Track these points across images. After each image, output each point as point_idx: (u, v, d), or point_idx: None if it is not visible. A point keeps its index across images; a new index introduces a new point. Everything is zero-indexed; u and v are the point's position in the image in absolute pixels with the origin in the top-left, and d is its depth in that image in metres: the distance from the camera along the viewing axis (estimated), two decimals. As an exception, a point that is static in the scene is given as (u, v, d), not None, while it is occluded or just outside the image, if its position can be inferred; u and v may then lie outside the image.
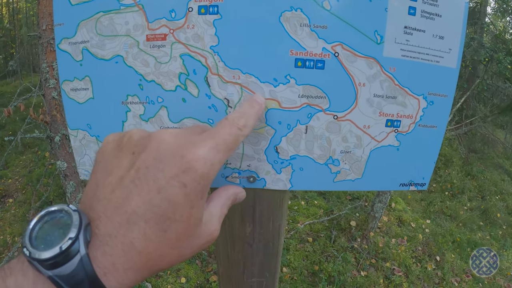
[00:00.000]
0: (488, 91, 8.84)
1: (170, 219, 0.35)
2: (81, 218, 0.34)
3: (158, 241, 0.35)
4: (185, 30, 0.53)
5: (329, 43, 0.52)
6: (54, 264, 0.32)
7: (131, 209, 0.35)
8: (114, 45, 0.55)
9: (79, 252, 0.32)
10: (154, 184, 0.35)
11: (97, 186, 0.37)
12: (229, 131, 0.41)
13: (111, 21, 0.54)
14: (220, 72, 0.53)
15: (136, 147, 0.38)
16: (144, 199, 0.35)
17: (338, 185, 0.60)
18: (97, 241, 0.34)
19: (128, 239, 0.34)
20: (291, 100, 0.54)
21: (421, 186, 0.64)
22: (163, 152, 0.36)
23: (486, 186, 7.21)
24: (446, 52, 0.56)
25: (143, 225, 0.34)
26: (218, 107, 0.55)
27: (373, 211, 4.29)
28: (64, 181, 3.22)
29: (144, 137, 0.39)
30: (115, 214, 0.35)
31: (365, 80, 0.54)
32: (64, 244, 0.32)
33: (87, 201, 0.37)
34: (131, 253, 0.34)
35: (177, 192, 0.35)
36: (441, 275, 4.24)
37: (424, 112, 0.58)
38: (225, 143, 0.39)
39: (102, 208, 0.35)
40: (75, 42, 0.56)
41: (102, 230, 0.34)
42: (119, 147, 0.40)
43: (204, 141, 0.38)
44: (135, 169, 0.36)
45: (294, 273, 3.76)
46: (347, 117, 0.56)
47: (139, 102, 0.56)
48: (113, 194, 0.36)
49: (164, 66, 0.54)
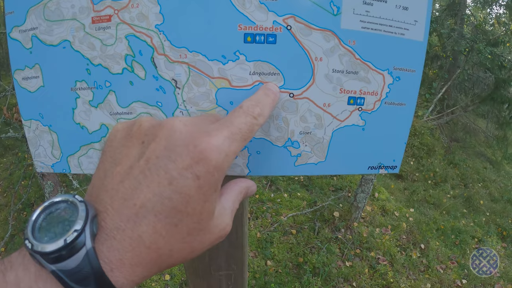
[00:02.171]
0: (469, 81, 8.98)
1: (182, 213, 0.33)
2: (88, 210, 0.32)
3: (168, 235, 0.33)
4: (129, 9, 0.50)
5: (280, 16, 0.49)
6: (58, 258, 0.30)
7: (140, 201, 0.33)
8: (62, 30, 0.52)
9: (85, 245, 0.30)
10: (165, 175, 0.33)
11: (105, 176, 0.36)
12: (244, 120, 0.39)
13: (58, 5, 0.51)
14: (167, 52, 0.51)
15: (146, 136, 0.36)
16: (154, 191, 0.33)
17: (299, 170, 0.57)
18: (104, 234, 0.32)
19: (137, 233, 0.32)
20: (242, 78, 0.51)
21: (392, 169, 0.60)
22: (175, 141, 0.34)
23: (468, 174, 7.30)
24: (411, 24, 0.52)
25: (153, 219, 0.33)
26: (166, 89, 0.52)
27: (356, 201, 4.31)
28: (41, 181, 3.20)
29: (155, 125, 0.37)
30: (124, 206, 0.33)
31: (322, 54, 0.51)
32: (69, 236, 0.30)
33: (94, 191, 0.35)
34: (140, 248, 0.32)
35: (189, 184, 0.33)
36: (426, 262, 4.29)
37: (390, 89, 0.54)
38: (240, 133, 0.38)
39: (109, 199, 0.33)
40: (25, 30, 0.53)
41: (109, 223, 0.32)
42: (128, 136, 0.38)
43: (218, 130, 0.36)
44: (144, 159, 0.34)
45: (279, 266, 3.77)
46: (304, 95, 0.52)
47: (88, 88, 0.54)
48: (121, 185, 0.34)
49: (110, 48, 0.52)
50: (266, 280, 3.50)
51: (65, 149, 0.58)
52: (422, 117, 8.31)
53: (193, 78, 0.51)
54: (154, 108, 0.53)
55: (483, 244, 5.01)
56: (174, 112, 0.53)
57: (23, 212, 4.59)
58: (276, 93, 0.49)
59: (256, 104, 0.42)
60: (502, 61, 8.02)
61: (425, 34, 0.53)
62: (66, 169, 0.59)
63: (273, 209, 4.55)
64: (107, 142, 0.39)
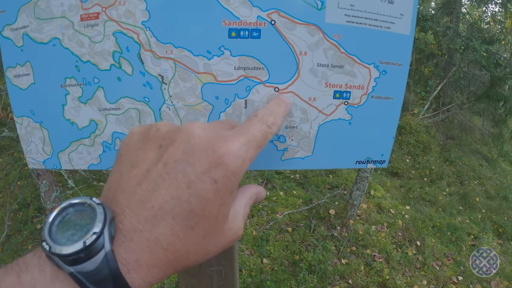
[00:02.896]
0: (465, 78, 8.99)
1: (199, 216, 0.34)
2: (106, 212, 0.32)
3: (185, 238, 0.34)
4: (116, 7, 0.51)
5: (264, 11, 0.50)
6: (76, 260, 0.30)
7: (158, 204, 0.33)
8: (51, 28, 0.53)
9: (103, 248, 0.31)
10: (184, 179, 0.33)
11: (121, 178, 0.36)
12: (259, 128, 0.40)
13: (48, 3, 0.52)
14: (153, 48, 0.52)
15: (164, 140, 0.37)
16: (172, 194, 0.33)
17: (286, 164, 0.58)
18: (121, 236, 0.32)
19: (154, 235, 0.33)
20: (227, 73, 0.52)
21: (380, 163, 0.61)
22: (194, 146, 0.35)
23: (464, 171, 7.31)
24: (397, 17, 0.52)
25: (171, 221, 0.33)
26: (153, 85, 0.53)
27: (352, 198, 4.32)
28: (37, 181, 3.19)
29: (173, 130, 0.38)
30: (141, 208, 0.33)
31: (306, 48, 0.52)
32: (88, 239, 0.30)
33: (110, 193, 0.36)
34: (157, 250, 0.33)
35: (207, 188, 0.34)
36: (422, 259, 4.30)
37: (377, 82, 0.55)
38: (256, 140, 0.39)
39: (126, 201, 0.34)
40: (16, 28, 0.54)
41: (127, 225, 0.33)
42: (145, 139, 0.38)
43: (236, 136, 0.37)
44: (163, 162, 0.35)
45: (275, 263, 3.76)
46: (289, 89, 0.53)
47: (77, 84, 0.55)
48: (139, 187, 0.34)
49: (98, 45, 0.53)
50: (262, 278, 3.50)
51: (56, 145, 0.59)
52: (418, 115, 8.32)
53: (179, 74, 0.52)
54: (142, 104, 0.54)
55: (479, 241, 5.02)
56: (161, 108, 0.54)
57: (19, 213, 4.57)
58: (288, 104, 0.50)
59: (270, 113, 0.44)
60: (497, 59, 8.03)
61: (412, 28, 0.53)
62: (57, 165, 0.60)
63: (268, 207, 4.54)
64: (123, 145, 0.40)
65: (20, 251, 4.01)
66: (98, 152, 0.58)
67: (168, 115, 0.54)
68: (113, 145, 0.57)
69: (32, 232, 4.25)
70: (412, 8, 0.53)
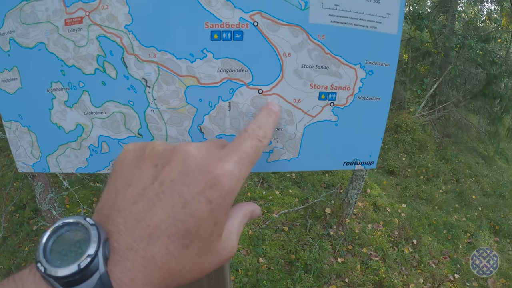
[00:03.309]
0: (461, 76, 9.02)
1: (193, 235, 0.34)
2: (100, 233, 0.32)
3: (179, 256, 0.34)
4: (100, 11, 0.50)
5: (247, 12, 0.49)
6: (71, 282, 0.30)
7: (153, 223, 0.33)
8: (37, 33, 0.53)
9: (98, 270, 0.31)
10: (179, 199, 0.34)
11: (116, 196, 0.36)
12: (250, 143, 0.40)
13: (33, 9, 0.52)
14: (136, 52, 0.51)
15: (160, 160, 0.37)
16: (168, 214, 0.33)
17: (272, 166, 0.57)
18: (117, 256, 0.32)
19: (149, 253, 0.33)
20: (210, 75, 0.52)
21: (368, 164, 0.60)
22: (190, 166, 0.35)
23: (460, 169, 7.34)
24: (383, 17, 0.52)
25: (166, 240, 0.33)
26: (137, 88, 0.53)
27: (348, 197, 4.32)
28: (32, 182, 3.18)
29: (168, 150, 0.38)
30: (137, 227, 0.33)
31: (290, 49, 0.51)
32: (83, 262, 0.30)
33: (105, 211, 0.36)
34: (152, 268, 0.33)
35: (202, 208, 0.34)
36: (418, 258, 4.30)
37: (364, 83, 0.54)
38: (248, 157, 0.39)
39: (122, 220, 0.34)
40: (3, 33, 0.54)
41: (122, 244, 0.33)
42: (140, 158, 0.39)
43: (229, 155, 0.37)
44: (159, 182, 0.35)
45: (271, 263, 3.76)
46: (273, 91, 0.52)
47: (63, 88, 0.55)
48: (134, 206, 0.34)
49: (82, 49, 0.52)
50: (258, 277, 3.50)
51: (44, 149, 0.59)
52: (414, 113, 8.34)
53: (162, 77, 0.52)
54: (126, 107, 0.54)
55: (476, 239, 5.04)
56: (145, 111, 0.54)
57: (15, 214, 4.57)
58: (277, 112, 0.49)
59: (260, 126, 0.43)
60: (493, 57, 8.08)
61: (399, 27, 0.53)
62: (45, 169, 0.60)
63: (264, 206, 4.54)
64: (117, 162, 0.40)
65: (16, 252, 4.00)
66: (85, 156, 0.58)
67: (152, 119, 0.54)
68: (100, 149, 0.57)
69: (29, 234, 4.25)
70: (399, 7, 0.52)
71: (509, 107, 8.07)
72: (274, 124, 0.47)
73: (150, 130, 0.55)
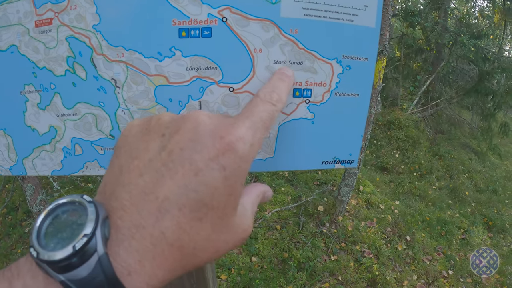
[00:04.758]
0: (453, 73, 9.05)
1: (207, 206, 0.32)
2: (98, 211, 0.30)
3: (192, 231, 0.31)
4: (68, 11, 0.50)
5: (215, 8, 0.48)
6: (66, 267, 0.27)
7: (163, 194, 0.31)
8: (9, 35, 0.53)
9: (96, 251, 0.28)
10: (190, 167, 0.31)
11: (121, 172, 0.34)
12: (263, 108, 0.39)
13: (4, 11, 0.52)
14: (104, 52, 0.50)
15: (167, 129, 0.35)
16: (178, 183, 0.31)
17: None
18: (120, 235, 0.30)
19: (159, 229, 0.30)
20: (179, 74, 0.51)
21: (348, 163, 0.59)
22: (201, 132, 0.33)
23: (453, 165, 7.36)
24: (360, 9, 0.50)
25: (177, 213, 0.30)
26: (106, 89, 0.52)
27: (340, 195, 4.32)
28: (22, 184, 3.16)
29: (176, 119, 0.36)
30: (144, 201, 0.31)
31: (261, 45, 0.49)
32: (78, 242, 0.28)
33: (108, 188, 0.33)
34: (162, 246, 0.30)
35: (216, 175, 0.32)
36: (412, 254, 4.30)
37: (341, 79, 0.52)
38: (262, 121, 0.37)
39: (127, 195, 0.31)
40: None
41: (127, 221, 0.30)
42: (145, 130, 0.36)
43: (241, 121, 0.36)
44: (167, 151, 0.33)
45: (264, 261, 3.75)
46: (245, 89, 0.51)
47: (35, 91, 0.54)
48: (141, 178, 0.32)
49: (52, 51, 0.52)
50: (251, 276, 3.50)
51: (20, 152, 0.58)
52: (406, 109, 8.36)
53: (131, 77, 0.51)
54: (97, 109, 0.53)
55: (469, 235, 5.06)
56: (116, 112, 0.53)
57: (8, 216, 4.54)
58: (290, 77, 0.47)
59: (273, 90, 0.42)
60: (485, 54, 8.12)
61: (377, 20, 0.51)
62: (22, 172, 0.59)
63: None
64: (120, 137, 0.38)
65: (10, 255, 3.98)
66: (60, 158, 0.58)
67: (123, 119, 0.54)
68: (73, 151, 0.57)
69: (21, 236, 4.22)
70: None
71: (501, 103, 8.12)
72: (288, 88, 0.46)
73: (121, 131, 0.55)
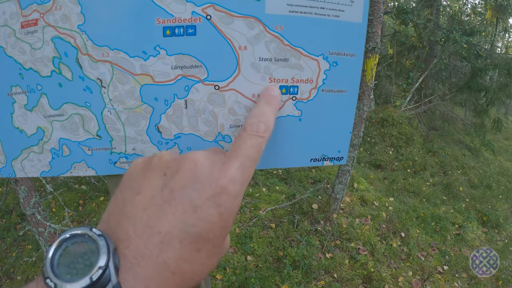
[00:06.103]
0: (446, 70, 9.08)
1: (204, 239, 0.35)
2: (108, 243, 0.32)
3: (191, 260, 0.35)
4: (53, 12, 0.50)
5: (199, 6, 0.48)
6: None
7: (165, 229, 0.34)
8: None
9: (110, 281, 0.30)
10: (190, 204, 0.35)
11: (125, 204, 0.37)
12: (250, 143, 0.40)
13: None
14: (90, 52, 0.50)
15: (168, 168, 0.38)
16: (179, 219, 0.34)
17: None
18: (128, 263, 0.33)
19: (162, 259, 0.33)
20: (164, 73, 0.51)
21: (337, 160, 0.59)
22: (199, 173, 0.37)
23: (447, 161, 7.40)
24: (347, 5, 0.50)
25: (178, 245, 0.34)
26: (92, 89, 0.52)
27: (334, 192, 4.32)
28: (15, 187, 3.13)
29: (176, 158, 0.39)
30: (148, 234, 0.34)
31: (246, 42, 0.49)
32: (94, 274, 0.30)
33: (112, 219, 0.36)
34: (165, 274, 0.33)
35: (212, 212, 0.35)
36: (407, 250, 4.31)
37: (327, 75, 0.52)
38: (249, 159, 0.39)
39: (132, 227, 0.34)
40: None
41: (134, 251, 0.33)
42: (148, 168, 0.39)
43: (232, 161, 0.38)
44: (169, 189, 0.36)
45: (259, 260, 3.74)
46: (230, 86, 0.51)
47: (22, 92, 0.54)
48: (144, 213, 0.35)
49: (38, 51, 0.52)
50: (247, 275, 3.48)
51: (8, 154, 0.58)
52: (400, 107, 8.39)
53: (117, 76, 0.51)
54: (83, 109, 0.53)
55: (464, 230, 5.08)
56: (102, 112, 0.53)
57: (1, 219, 4.51)
58: (277, 97, 0.49)
59: (260, 120, 0.43)
60: (478, 50, 8.16)
61: (364, 15, 0.51)
62: (11, 173, 0.59)
63: (251, 204, 4.51)
64: (125, 174, 0.41)
65: (4, 258, 3.95)
66: (48, 159, 0.58)
67: (110, 119, 0.54)
68: (61, 152, 0.57)
69: (16, 239, 4.20)
70: None
71: (494, 99, 8.18)
72: (275, 111, 0.47)
73: (108, 131, 0.55)
